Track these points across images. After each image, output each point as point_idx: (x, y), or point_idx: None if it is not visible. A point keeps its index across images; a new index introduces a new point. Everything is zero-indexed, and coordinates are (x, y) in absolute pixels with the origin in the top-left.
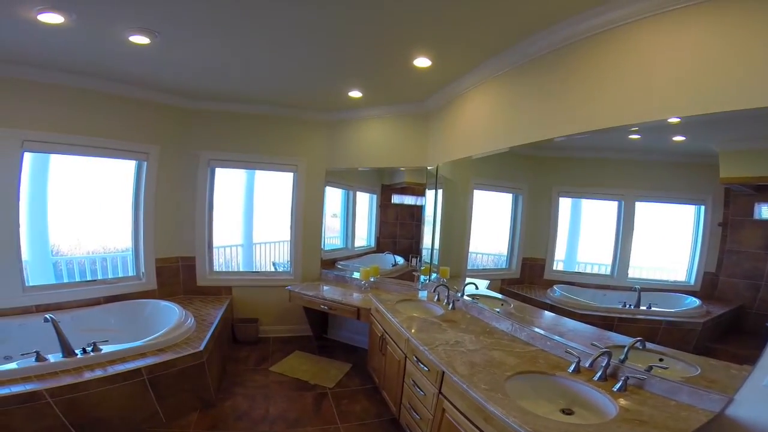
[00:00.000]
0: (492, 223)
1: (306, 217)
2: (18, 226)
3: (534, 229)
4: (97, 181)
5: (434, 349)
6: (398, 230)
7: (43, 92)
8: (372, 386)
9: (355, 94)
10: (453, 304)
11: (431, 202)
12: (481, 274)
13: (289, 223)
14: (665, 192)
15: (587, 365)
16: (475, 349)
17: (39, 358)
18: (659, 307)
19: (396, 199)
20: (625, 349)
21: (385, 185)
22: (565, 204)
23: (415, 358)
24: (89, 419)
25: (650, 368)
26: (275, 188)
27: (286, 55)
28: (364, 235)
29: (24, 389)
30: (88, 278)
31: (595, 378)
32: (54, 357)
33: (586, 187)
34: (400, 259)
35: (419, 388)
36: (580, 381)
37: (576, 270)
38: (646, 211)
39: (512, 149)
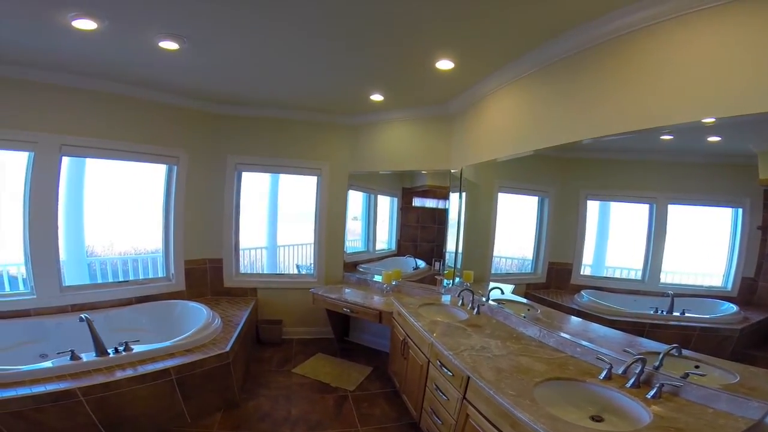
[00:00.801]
0: (516, 227)
1: (329, 220)
2: (57, 227)
3: (561, 232)
4: (129, 184)
5: (459, 354)
6: (419, 233)
7: (79, 98)
8: (392, 390)
9: (377, 97)
10: (478, 309)
11: (455, 205)
12: (505, 278)
13: (313, 227)
14: (700, 194)
15: (620, 372)
16: (501, 354)
17: (74, 356)
18: (693, 313)
19: (417, 202)
20: (660, 356)
21: (406, 188)
22: (593, 207)
23: (439, 363)
24: (117, 418)
25: (686, 375)
26: (299, 191)
27: (309, 60)
28: (384, 239)
29: (58, 387)
30: (120, 279)
31: (628, 385)
32: (87, 356)
33: (616, 190)
34: (421, 263)
35: (442, 393)
36: (611, 388)
37: (604, 275)
38: (679, 215)
39: (537, 151)
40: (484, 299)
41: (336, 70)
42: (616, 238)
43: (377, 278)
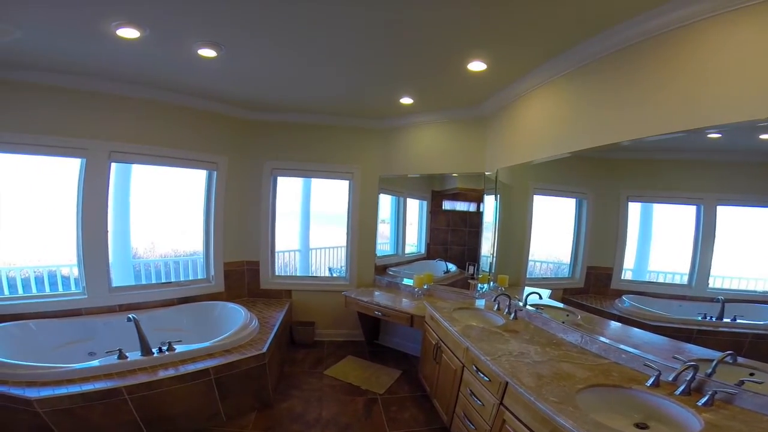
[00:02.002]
0: (552, 230)
1: (361, 224)
2: (107, 230)
3: (600, 236)
4: (170, 189)
5: (497, 360)
6: (449, 237)
7: (125, 106)
8: (422, 394)
9: (406, 100)
10: (515, 314)
11: (491, 208)
12: (541, 283)
13: (345, 230)
14: (753, 195)
15: (670, 379)
16: (541, 360)
17: (121, 356)
18: (746, 319)
19: (447, 205)
20: (714, 363)
21: (435, 191)
22: (634, 209)
23: (475, 368)
24: (157, 416)
25: (741, 383)
26: (330, 195)
27: (341, 66)
28: (414, 242)
29: (105, 386)
30: (163, 280)
31: (677, 392)
32: (133, 355)
33: (659, 191)
34: (452, 267)
35: (477, 398)
36: (659, 395)
37: (647, 279)
38: (729, 216)
39: (575, 153)
40: (521, 304)
41: (367, 76)
42: (659, 241)
43: (407, 281)
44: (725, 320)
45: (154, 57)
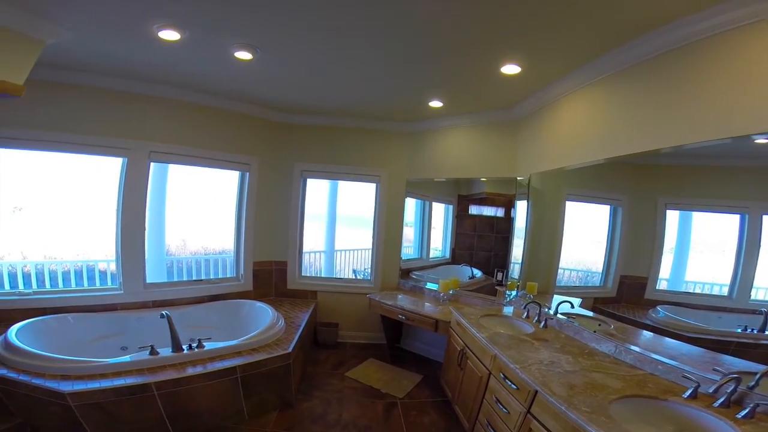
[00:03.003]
0: (584, 238)
1: (387, 227)
2: (144, 228)
3: (635, 244)
4: (203, 188)
5: (527, 368)
6: (476, 242)
7: (164, 107)
8: (443, 399)
9: (436, 103)
10: (545, 323)
11: (522, 214)
12: (571, 291)
13: (371, 233)
14: None
15: (710, 391)
16: (573, 370)
17: (152, 351)
18: None
19: (474, 210)
20: (758, 376)
21: (462, 195)
22: (672, 217)
23: (502, 376)
24: (183, 412)
25: None
26: (356, 197)
27: (371, 70)
28: (438, 246)
29: (136, 381)
30: (194, 277)
31: (716, 404)
32: (164, 351)
33: (699, 199)
34: (477, 272)
35: (502, 406)
36: (697, 407)
37: (683, 290)
38: None
39: (610, 159)
40: (551, 312)
41: (397, 79)
42: (698, 250)
43: (430, 286)
44: None
45: (193, 59)
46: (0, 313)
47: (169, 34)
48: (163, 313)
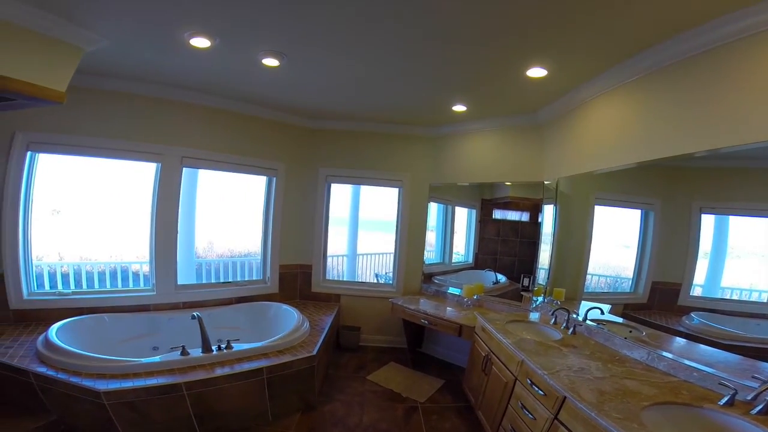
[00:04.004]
0: (614, 243)
1: (410, 231)
2: (177, 231)
3: (668, 249)
4: (230, 192)
5: (555, 374)
6: (499, 247)
7: (195, 113)
8: (465, 405)
9: (460, 108)
10: (573, 329)
11: (550, 218)
12: (599, 297)
13: (394, 237)
14: None
15: (748, 398)
16: (603, 376)
17: (183, 352)
18: None
19: (498, 214)
20: None
21: (485, 200)
22: (707, 221)
23: (529, 381)
24: (210, 413)
25: None
26: (378, 201)
27: (396, 75)
28: (461, 251)
29: (167, 381)
30: (221, 279)
31: (754, 411)
32: (194, 352)
33: (737, 202)
34: (501, 277)
35: (528, 412)
36: (733, 414)
37: (719, 296)
38: None
39: (642, 163)
40: (580, 318)
41: (421, 84)
42: (735, 255)
43: (452, 290)
44: None
45: (222, 66)
46: (40, 313)
47: (200, 42)
48: (195, 314)
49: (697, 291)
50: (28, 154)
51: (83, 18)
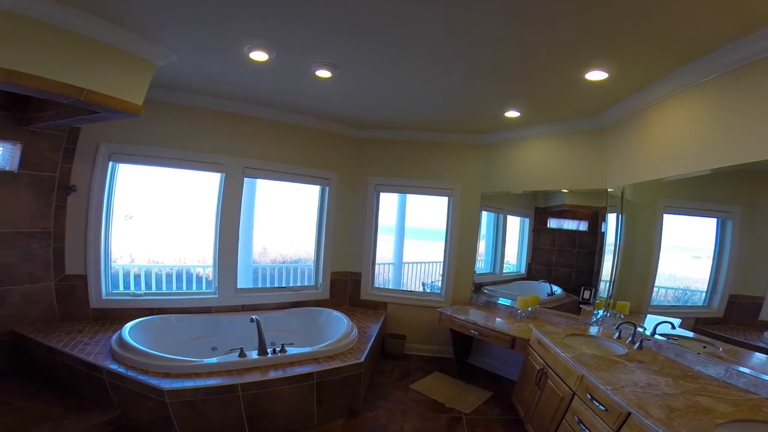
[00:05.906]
0: (684, 253)
1: (460, 241)
2: (238, 237)
3: (749, 261)
4: (283, 200)
5: (619, 390)
6: (554, 257)
7: (254, 125)
8: (513, 418)
9: (512, 114)
10: (640, 343)
11: (613, 227)
12: (666, 311)
13: (442, 246)
14: None
15: None
16: (673, 393)
17: (241, 354)
18: None
19: (553, 223)
20: None
21: (539, 208)
22: None
23: (590, 396)
24: (260, 414)
25: None
26: (425, 210)
27: (446, 84)
28: (512, 261)
29: (225, 382)
30: (276, 284)
31: None
32: (250, 354)
33: None
34: (557, 289)
35: (585, 426)
36: None
37: None
38: None
39: (717, 170)
40: (647, 333)
41: (473, 91)
42: None
43: (502, 301)
44: None
45: (278, 78)
46: (115, 312)
47: (259, 55)
48: (253, 317)
49: None
50: (110, 164)
51: (152, 31)
